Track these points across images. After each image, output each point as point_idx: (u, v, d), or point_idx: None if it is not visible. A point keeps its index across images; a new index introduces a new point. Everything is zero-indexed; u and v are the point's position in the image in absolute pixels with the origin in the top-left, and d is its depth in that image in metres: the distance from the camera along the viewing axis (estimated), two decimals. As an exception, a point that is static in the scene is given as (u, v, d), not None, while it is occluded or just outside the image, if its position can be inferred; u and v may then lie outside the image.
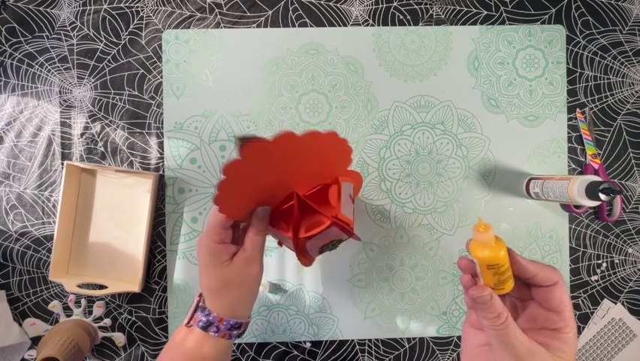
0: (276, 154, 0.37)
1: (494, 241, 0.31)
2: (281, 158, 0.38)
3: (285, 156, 0.38)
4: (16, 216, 0.61)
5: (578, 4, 0.63)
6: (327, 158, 0.43)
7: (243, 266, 0.42)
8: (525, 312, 0.34)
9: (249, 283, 0.43)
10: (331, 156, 0.43)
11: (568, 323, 0.31)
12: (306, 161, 0.41)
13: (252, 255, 0.42)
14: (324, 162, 0.44)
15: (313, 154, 0.41)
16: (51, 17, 0.62)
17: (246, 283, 0.43)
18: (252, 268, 0.43)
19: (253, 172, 0.38)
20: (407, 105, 0.62)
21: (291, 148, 0.38)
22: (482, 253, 0.31)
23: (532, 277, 0.32)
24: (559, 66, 0.63)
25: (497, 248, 0.30)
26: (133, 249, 0.60)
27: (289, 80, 0.62)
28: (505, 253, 0.31)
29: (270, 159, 0.37)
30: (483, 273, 0.31)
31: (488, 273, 0.31)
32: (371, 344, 0.63)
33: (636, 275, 0.63)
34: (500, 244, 0.31)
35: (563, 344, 0.30)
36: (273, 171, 0.39)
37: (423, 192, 0.62)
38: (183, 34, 0.62)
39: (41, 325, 0.60)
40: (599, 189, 0.49)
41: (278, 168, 0.39)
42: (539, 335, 0.31)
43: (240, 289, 0.43)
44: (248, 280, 0.43)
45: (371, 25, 0.63)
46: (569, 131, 0.63)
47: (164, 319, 0.61)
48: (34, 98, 0.62)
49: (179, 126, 0.61)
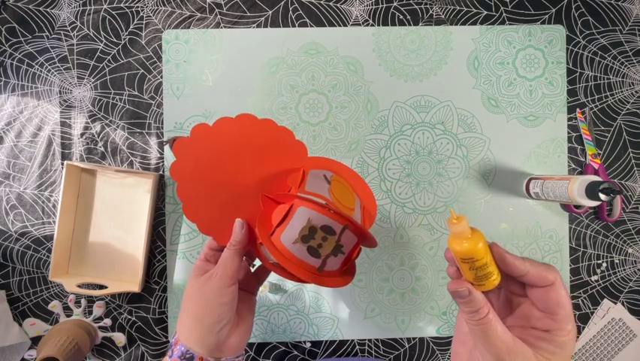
0: (208, 144, 0.40)
1: (469, 233, 0.29)
2: (215, 149, 0.40)
3: (220, 146, 0.40)
4: (16, 216, 0.61)
5: (578, 4, 0.63)
6: (270, 149, 0.41)
7: (206, 279, 0.39)
8: (519, 309, 0.33)
9: (211, 300, 0.39)
10: (277, 150, 0.42)
11: (562, 327, 0.29)
12: (248, 153, 0.41)
13: (219, 269, 0.39)
14: (272, 154, 0.42)
15: (251, 144, 0.41)
16: (51, 17, 0.62)
17: (209, 301, 0.39)
18: (217, 282, 0.39)
19: (197, 168, 0.40)
20: (407, 105, 0.62)
21: (220, 136, 0.40)
22: (456, 246, 0.29)
23: (522, 275, 0.30)
24: (559, 66, 0.63)
25: (472, 241, 0.29)
26: (133, 249, 0.60)
27: (289, 80, 0.62)
28: (482, 247, 0.29)
29: (205, 150, 0.40)
30: (460, 267, 0.30)
31: (464, 267, 0.30)
32: (371, 344, 0.63)
33: (636, 275, 0.63)
34: (476, 238, 0.29)
35: (554, 346, 0.29)
36: (217, 165, 0.41)
37: (423, 192, 0.62)
38: (183, 34, 0.62)
39: (41, 325, 0.60)
40: (599, 189, 0.49)
41: (219, 161, 0.41)
42: (528, 335, 0.30)
43: (206, 307, 0.39)
44: (211, 296, 0.39)
45: (371, 25, 0.63)
46: (569, 131, 0.63)
47: (164, 319, 0.61)
48: (34, 98, 0.62)
49: (179, 126, 0.61)
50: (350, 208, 0.39)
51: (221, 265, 0.39)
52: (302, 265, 0.37)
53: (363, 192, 0.43)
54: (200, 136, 0.40)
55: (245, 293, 0.44)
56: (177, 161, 0.40)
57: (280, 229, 0.37)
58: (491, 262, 0.30)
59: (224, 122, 0.41)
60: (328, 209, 0.36)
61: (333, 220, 0.36)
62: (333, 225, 0.37)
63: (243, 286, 0.44)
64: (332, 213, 0.36)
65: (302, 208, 0.37)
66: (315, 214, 0.36)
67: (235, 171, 0.41)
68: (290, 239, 0.37)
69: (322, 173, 0.42)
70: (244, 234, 0.40)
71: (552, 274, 0.30)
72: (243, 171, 0.41)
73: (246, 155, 0.41)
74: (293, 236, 0.36)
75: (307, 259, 0.37)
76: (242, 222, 0.40)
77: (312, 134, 0.62)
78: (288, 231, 0.37)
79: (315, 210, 0.36)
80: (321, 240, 0.37)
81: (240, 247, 0.40)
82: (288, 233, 0.37)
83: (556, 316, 0.30)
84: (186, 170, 0.40)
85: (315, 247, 0.37)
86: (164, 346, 0.62)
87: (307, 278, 0.36)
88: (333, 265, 0.38)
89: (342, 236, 0.37)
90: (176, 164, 0.40)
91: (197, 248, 0.61)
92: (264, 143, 0.41)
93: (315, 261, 0.37)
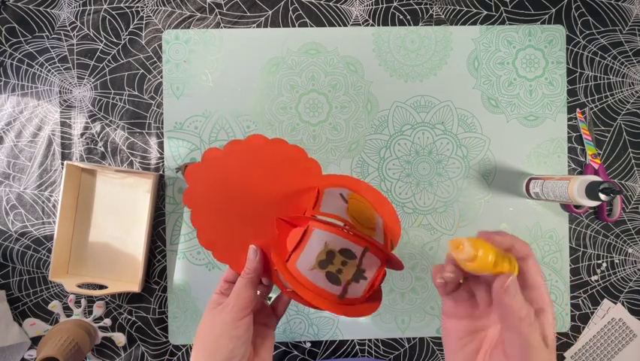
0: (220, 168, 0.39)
1: (475, 252, 0.28)
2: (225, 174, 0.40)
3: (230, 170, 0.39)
4: (16, 216, 0.61)
5: (578, 4, 0.63)
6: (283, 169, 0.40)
7: (219, 311, 0.37)
8: None
9: (223, 333, 0.36)
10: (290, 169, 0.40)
11: (546, 301, 0.29)
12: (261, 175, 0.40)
13: (231, 300, 0.37)
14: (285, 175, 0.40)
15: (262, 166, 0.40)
16: (51, 17, 0.62)
17: (221, 334, 0.37)
18: (230, 313, 0.37)
19: (210, 193, 0.39)
20: (407, 105, 0.62)
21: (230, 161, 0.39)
22: (469, 267, 0.28)
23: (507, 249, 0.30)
24: (559, 66, 0.63)
25: (481, 260, 0.28)
26: (133, 249, 0.60)
27: (289, 80, 0.62)
28: (492, 259, 0.28)
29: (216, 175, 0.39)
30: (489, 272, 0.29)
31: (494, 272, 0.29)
32: (371, 344, 0.63)
33: (636, 275, 0.63)
34: (484, 254, 0.28)
35: (548, 326, 0.29)
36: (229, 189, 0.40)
37: (423, 192, 0.62)
38: (183, 34, 0.62)
39: (41, 325, 0.60)
40: (599, 189, 0.49)
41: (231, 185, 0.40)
42: None
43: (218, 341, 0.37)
44: (223, 329, 0.37)
45: (371, 25, 0.63)
46: (569, 131, 0.63)
47: (164, 319, 0.61)
48: (34, 98, 0.62)
49: (179, 126, 0.61)
50: (370, 228, 0.36)
51: (234, 295, 0.37)
52: (321, 293, 0.34)
53: (384, 209, 0.40)
54: (212, 161, 0.40)
55: (262, 328, 0.41)
56: (190, 188, 0.39)
57: (296, 254, 0.35)
58: (503, 257, 0.29)
59: (235, 145, 0.40)
60: (346, 231, 0.34)
61: (352, 243, 0.34)
62: (352, 248, 0.34)
63: (260, 320, 0.42)
64: (350, 235, 0.34)
65: (317, 231, 0.34)
66: (332, 237, 0.34)
67: (248, 194, 0.39)
68: (307, 265, 0.34)
69: (339, 191, 0.39)
70: (258, 261, 0.38)
71: (526, 246, 0.30)
72: (256, 193, 0.40)
73: (259, 177, 0.40)
74: (310, 262, 0.34)
75: (326, 286, 0.34)
76: (255, 248, 0.38)
77: (312, 135, 0.62)
78: (304, 256, 0.34)
79: (331, 233, 0.34)
80: (340, 265, 0.34)
81: (253, 275, 0.38)
82: (305, 258, 0.34)
83: (538, 290, 0.29)
84: (199, 196, 0.40)
85: (334, 272, 0.34)
86: (164, 346, 0.62)
87: (327, 307, 0.34)
88: (356, 292, 0.35)
89: (364, 260, 0.34)
90: (189, 191, 0.39)
91: (197, 248, 0.61)
92: (276, 163, 0.40)
93: (336, 288, 0.34)
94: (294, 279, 0.34)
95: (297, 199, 0.40)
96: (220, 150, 0.40)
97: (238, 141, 0.40)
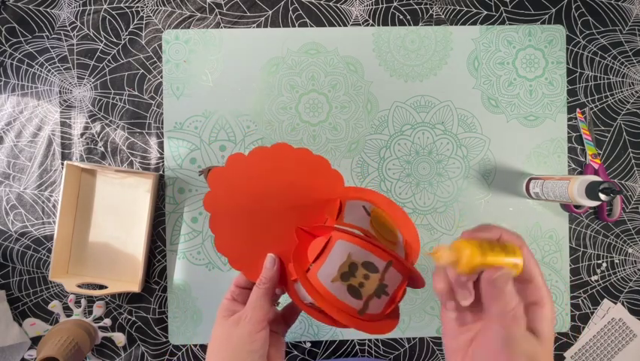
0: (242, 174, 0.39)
1: (456, 257, 0.27)
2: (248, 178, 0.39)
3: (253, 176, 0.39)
4: (16, 216, 0.61)
5: (578, 4, 0.63)
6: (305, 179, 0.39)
7: (234, 323, 0.36)
8: None
9: (240, 348, 0.35)
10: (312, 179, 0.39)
11: (543, 294, 0.28)
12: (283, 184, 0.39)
13: (247, 312, 0.36)
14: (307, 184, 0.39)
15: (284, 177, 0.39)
16: (51, 17, 0.62)
17: (238, 349, 0.35)
18: (246, 326, 0.35)
19: (230, 199, 0.38)
20: (407, 105, 0.62)
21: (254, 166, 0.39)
22: (461, 270, 0.28)
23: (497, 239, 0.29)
24: (559, 66, 0.63)
25: (464, 263, 0.27)
26: (133, 249, 0.60)
27: (289, 80, 0.62)
28: (474, 257, 0.27)
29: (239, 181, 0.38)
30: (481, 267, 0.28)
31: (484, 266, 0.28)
32: (371, 344, 0.63)
33: (636, 275, 0.63)
34: (466, 257, 0.27)
35: (542, 320, 0.28)
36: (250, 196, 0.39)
37: (423, 192, 0.62)
38: (183, 34, 0.62)
39: (41, 325, 0.60)
40: (599, 189, 0.49)
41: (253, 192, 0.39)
42: None
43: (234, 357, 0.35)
44: (239, 343, 0.35)
45: (371, 25, 0.63)
46: (569, 131, 0.63)
47: (164, 319, 0.61)
48: (34, 98, 0.62)
49: (179, 126, 0.61)
50: (393, 243, 0.36)
51: (250, 306, 0.36)
52: (342, 306, 0.33)
53: (404, 225, 0.39)
54: (235, 165, 0.39)
55: (274, 336, 0.39)
56: (211, 191, 0.39)
57: (317, 264, 0.34)
58: (496, 249, 0.28)
59: (260, 152, 0.39)
60: (371, 243, 0.33)
61: (376, 256, 0.33)
62: (375, 261, 0.33)
63: (272, 328, 0.40)
64: (375, 247, 0.33)
65: (341, 242, 0.34)
66: (356, 248, 0.33)
67: (269, 203, 0.39)
68: (328, 276, 0.33)
69: (361, 204, 0.38)
70: (275, 271, 0.37)
71: (519, 238, 0.29)
72: (277, 202, 0.39)
73: (280, 185, 0.39)
74: (331, 273, 0.33)
75: (347, 299, 0.33)
76: (274, 257, 0.37)
77: (312, 135, 0.62)
78: (325, 267, 0.33)
79: (355, 244, 0.33)
80: (362, 278, 0.33)
81: (270, 285, 0.37)
82: (326, 269, 0.33)
83: (534, 280, 0.29)
84: (219, 201, 0.39)
85: (356, 286, 0.33)
86: (164, 346, 0.62)
87: (348, 322, 0.32)
88: (376, 308, 0.34)
89: (387, 274, 0.33)
90: (210, 195, 0.39)
91: (197, 248, 0.61)
92: (299, 172, 0.39)
93: (357, 303, 0.33)
94: (315, 291, 0.33)
95: (317, 210, 0.39)
96: (244, 155, 0.39)
97: (263, 148, 0.39)
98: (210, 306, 0.61)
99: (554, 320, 0.30)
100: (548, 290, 0.29)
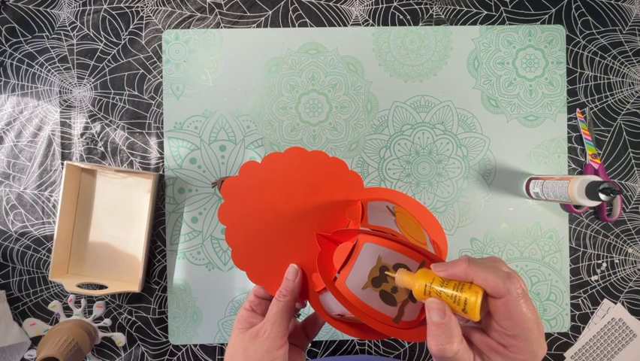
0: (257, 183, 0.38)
1: (408, 284, 0.26)
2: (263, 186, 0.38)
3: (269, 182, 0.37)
4: (16, 216, 0.61)
5: (578, 4, 0.63)
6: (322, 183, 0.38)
7: (252, 337, 0.34)
8: None
9: None
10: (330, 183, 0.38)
11: (516, 344, 0.25)
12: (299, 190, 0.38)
13: (266, 327, 0.34)
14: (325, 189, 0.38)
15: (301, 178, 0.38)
16: (51, 17, 0.62)
17: None
18: (265, 343, 0.33)
19: (246, 209, 0.37)
20: (407, 105, 0.62)
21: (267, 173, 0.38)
22: (416, 293, 0.27)
23: (469, 281, 0.26)
24: (559, 66, 0.63)
25: (415, 280, 0.26)
26: (133, 249, 0.60)
27: (289, 80, 0.62)
28: (421, 284, 0.26)
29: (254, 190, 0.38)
30: None
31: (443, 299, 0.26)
32: (371, 344, 0.63)
33: (636, 275, 0.63)
34: (417, 282, 0.26)
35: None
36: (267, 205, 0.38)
37: (423, 192, 0.62)
38: (183, 34, 0.62)
39: (41, 325, 0.60)
40: (599, 189, 0.49)
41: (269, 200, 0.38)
42: (483, 343, 0.27)
43: None
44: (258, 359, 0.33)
45: (371, 25, 0.63)
46: (569, 131, 0.63)
47: (164, 319, 0.61)
48: (34, 98, 0.62)
49: (179, 126, 0.61)
50: (422, 243, 0.34)
51: (270, 321, 0.34)
52: (376, 315, 0.30)
53: (430, 225, 0.37)
54: (249, 174, 0.38)
55: (294, 350, 0.37)
56: (226, 203, 0.37)
57: (344, 272, 0.31)
58: (443, 286, 0.26)
59: (273, 158, 0.38)
60: (401, 243, 0.31)
61: (408, 257, 0.30)
62: (408, 263, 0.30)
63: (291, 340, 0.37)
64: (405, 247, 0.30)
65: (368, 245, 0.31)
66: (386, 250, 0.30)
67: (286, 211, 0.37)
68: (358, 284, 0.30)
69: (384, 204, 0.36)
70: (297, 283, 0.35)
71: (506, 284, 0.25)
72: (295, 209, 0.37)
73: (297, 192, 0.38)
74: (361, 280, 0.30)
75: (381, 307, 0.30)
76: (297, 268, 0.35)
77: (312, 135, 0.62)
78: (354, 274, 0.31)
79: (384, 246, 0.30)
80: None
81: (290, 298, 0.34)
82: (355, 276, 0.31)
83: (511, 329, 0.25)
84: (235, 212, 0.37)
85: (389, 291, 0.30)
86: (164, 346, 0.62)
87: (385, 332, 0.30)
88: (411, 314, 0.31)
89: None
90: (225, 206, 0.37)
91: (197, 248, 0.61)
92: (316, 177, 0.38)
93: (391, 310, 0.30)
94: (347, 301, 0.30)
95: (337, 214, 0.37)
96: (258, 163, 0.38)
97: (277, 154, 0.38)
98: (210, 306, 0.61)
99: None
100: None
